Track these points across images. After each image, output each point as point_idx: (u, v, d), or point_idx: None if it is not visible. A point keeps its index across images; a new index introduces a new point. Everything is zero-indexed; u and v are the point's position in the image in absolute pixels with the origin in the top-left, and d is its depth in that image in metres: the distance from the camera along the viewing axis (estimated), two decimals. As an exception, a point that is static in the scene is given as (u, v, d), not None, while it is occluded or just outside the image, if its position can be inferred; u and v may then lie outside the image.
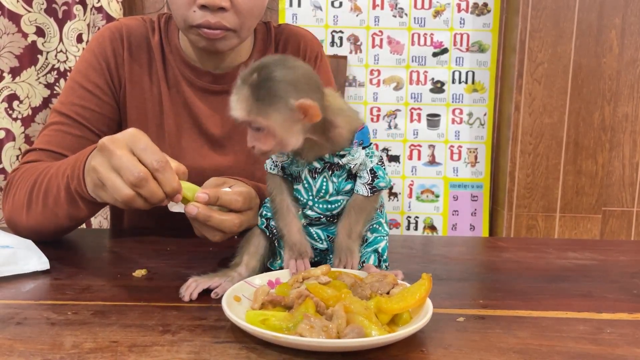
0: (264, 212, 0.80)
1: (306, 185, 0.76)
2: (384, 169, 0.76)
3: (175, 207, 0.77)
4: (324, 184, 0.75)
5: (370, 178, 0.74)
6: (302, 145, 0.72)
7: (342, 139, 0.73)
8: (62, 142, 1.01)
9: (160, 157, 0.70)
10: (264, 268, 0.78)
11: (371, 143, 0.75)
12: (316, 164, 0.74)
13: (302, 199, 0.77)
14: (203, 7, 0.93)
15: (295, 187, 0.77)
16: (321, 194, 0.76)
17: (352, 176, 0.76)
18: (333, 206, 0.76)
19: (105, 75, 1.05)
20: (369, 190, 0.75)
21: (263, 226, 0.78)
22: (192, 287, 0.72)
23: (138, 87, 1.06)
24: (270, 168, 0.78)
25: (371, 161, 0.75)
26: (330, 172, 0.75)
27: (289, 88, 0.67)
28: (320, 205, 0.77)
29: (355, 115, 0.75)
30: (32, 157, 1.01)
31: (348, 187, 0.76)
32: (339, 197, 0.76)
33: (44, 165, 0.93)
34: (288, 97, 0.67)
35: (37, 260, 0.81)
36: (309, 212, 0.78)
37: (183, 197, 0.74)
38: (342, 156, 0.74)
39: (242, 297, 0.66)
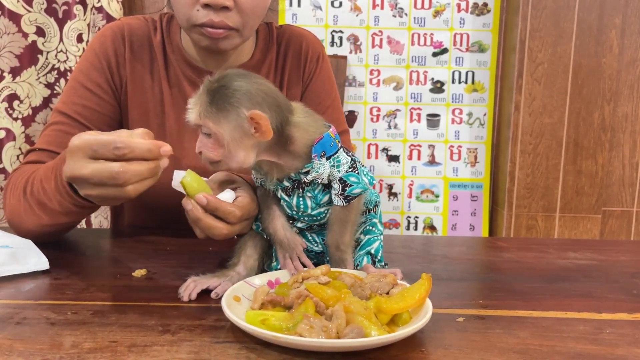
0: (260, 216, 0.80)
1: (284, 203, 0.76)
2: (360, 171, 0.74)
3: (177, 186, 0.76)
4: (301, 201, 0.75)
5: (341, 188, 0.73)
6: (264, 165, 0.72)
7: (298, 156, 0.71)
8: (62, 142, 1.00)
9: (109, 143, 0.68)
10: (262, 269, 0.78)
11: (339, 149, 0.73)
12: (286, 183, 0.74)
13: (287, 213, 0.77)
14: (206, 6, 0.93)
15: (280, 202, 0.77)
16: (301, 210, 0.75)
17: (329, 186, 0.74)
18: (317, 218, 0.77)
19: (106, 75, 1.05)
20: (343, 200, 0.73)
21: (259, 230, 0.78)
22: (191, 287, 0.71)
23: (140, 87, 1.06)
24: (255, 181, 0.78)
25: (338, 170, 0.72)
26: (301, 190, 0.74)
27: (243, 98, 0.66)
28: (306, 218, 0.77)
29: (312, 128, 0.72)
30: (33, 157, 1.00)
31: (326, 197, 0.75)
32: (322, 209, 0.76)
33: (39, 166, 0.93)
34: (240, 106, 0.66)
35: (37, 260, 0.81)
36: (299, 225, 0.78)
37: (186, 188, 0.73)
38: (307, 173, 0.72)
39: (241, 297, 0.66)
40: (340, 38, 2.13)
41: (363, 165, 0.75)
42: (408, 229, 2.20)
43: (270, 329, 0.57)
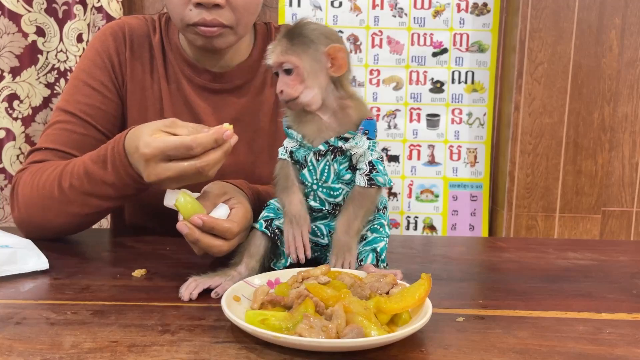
0: (265, 214, 0.80)
1: (311, 167, 0.77)
2: (384, 168, 0.77)
3: (169, 205, 0.77)
4: (326, 167, 0.77)
5: (368, 169, 0.76)
6: (310, 123, 0.76)
7: (349, 120, 0.77)
8: (68, 141, 1.01)
9: (181, 146, 0.73)
10: (264, 269, 0.78)
11: (376, 139, 0.77)
12: (321, 147, 0.76)
13: (307, 183, 0.78)
14: (198, 5, 0.94)
15: (301, 172, 0.79)
16: (324, 178, 0.77)
17: (353, 168, 0.77)
18: (335, 193, 0.78)
19: (109, 73, 1.05)
20: (366, 181, 0.76)
21: (262, 227, 0.78)
22: (191, 287, 0.71)
23: (139, 85, 1.06)
24: (281, 153, 0.80)
25: (371, 154, 0.76)
26: (332, 156, 0.76)
27: (321, 37, 0.75)
28: (324, 190, 0.78)
29: (364, 106, 0.79)
30: (39, 156, 1.00)
31: (348, 176, 0.77)
32: (340, 185, 0.77)
33: (55, 164, 0.93)
34: (319, 43, 0.74)
35: (37, 260, 0.81)
36: (312, 203, 0.79)
37: (180, 210, 0.74)
38: (346, 140, 0.76)
39: (241, 297, 0.66)
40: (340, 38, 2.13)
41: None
42: (408, 229, 2.20)
43: (270, 329, 0.57)
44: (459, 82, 2.15)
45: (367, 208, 0.77)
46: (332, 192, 0.78)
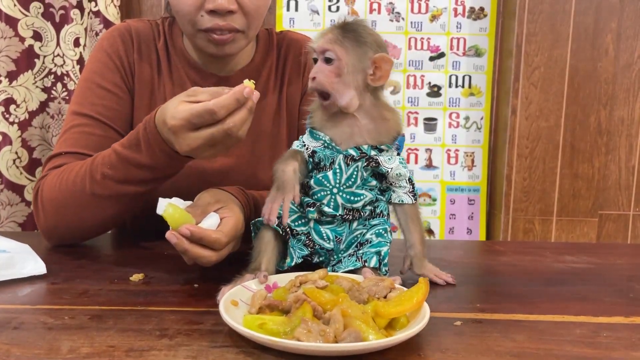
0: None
1: (337, 170, 0.77)
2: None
3: (159, 212, 0.77)
4: (355, 173, 0.77)
5: (411, 186, 0.80)
6: (345, 128, 0.76)
7: (387, 131, 0.77)
8: (89, 144, 0.99)
9: (205, 112, 0.73)
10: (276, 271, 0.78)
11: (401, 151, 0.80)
12: (352, 152, 0.76)
13: (328, 185, 0.77)
14: (211, 12, 0.94)
15: (320, 174, 0.77)
16: (349, 183, 0.77)
17: (379, 176, 0.79)
18: (357, 199, 0.78)
19: (121, 73, 1.05)
20: (412, 198, 0.79)
21: (275, 224, 0.77)
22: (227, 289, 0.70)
23: (147, 87, 1.06)
24: (298, 146, 0.80)
25: (406, 170, 0.79)
26: (366, 164, 0.76)
27: (374, 43, 0.74)
28: (344, 196, 0.77)
29: (401, 120, 0.80)
30: (59, 161, 0.97)
31: (374, 182, 0.78)
32: (364, 192, 0.78)
33: (82, 162, 0.91)
34: (370, 48, 0.74)
35: (34, 265, 0.81)
36: (326, 209, 0.78)
37: (168, 220, 0.74)
38: (381, 150, 0.77)
39: (239, 301, 0.66)
40: (338, 42, 2.13)
41: None
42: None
43: (268, 333, 0.57)
44: (456, 86, 2.15)
45: (422, 224, 0.82)
46: (353, 198, 0.77)
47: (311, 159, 0.78)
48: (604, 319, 0.69)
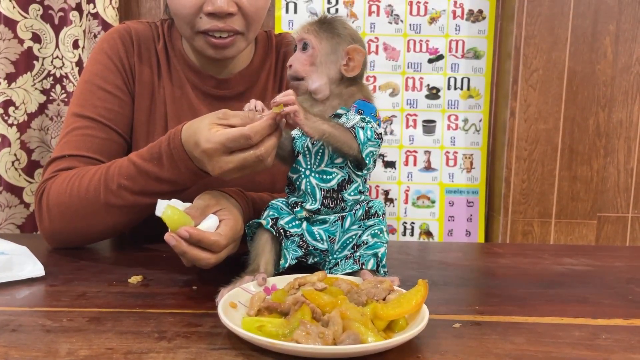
0: (271, 213, 0.80)
1: (306, 152, 0.79)
2: (371, 137, 0.77)
3: (158, 214, 0.77)
4: (321, 150, 0.79)
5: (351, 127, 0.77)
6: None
7: (347, 99, 0.80)
8: (91, 146, 0.99)
9: (240, 137, 0.74)
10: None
11: (375, 122, 0.78)
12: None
13: (301, 169, 0.80)
14: (210, 14, 0.94)
15: (297, 160, 0.81)
16: (317, 161, 0.79)
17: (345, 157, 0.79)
18: (329, 177, 0.79)
19: (122, 75, 1.05)
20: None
21: (269, 226, 0.78)
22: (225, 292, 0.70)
23: (147, 89, 1.06)
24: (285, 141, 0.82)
25: (363, 127, 0.76)
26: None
27: (348, 36, 0.79)
28: (317, 176, 0.79)
29: (369, 91, 0.83)
30: (63, 164, 0.97)
31: (340, 159, 0.79)
32: (334, 169, 0.79)
33: (95, 168, 0.91)
34: (343, 40, 0.79)
35: (32, 267, 0.80)
36: (308, 206, 0.79)
37: (167, 222, 0.74)
38: (339, 116, 0.78)
39: (238, 303, 0.66)
40: (336, 44, 2.13)
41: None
42: (404, 234, 2.20)
43: (266, 335, 0.57)
44: (455, 89, 2.15)
45: (345, 134, 0.75)
46: (325, 177, 0.79)
47: (291, 145, 0.82)
48: (603, 321, 0.69)
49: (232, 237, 0.79)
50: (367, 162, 0.77)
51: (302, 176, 0.80)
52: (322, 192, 0.79)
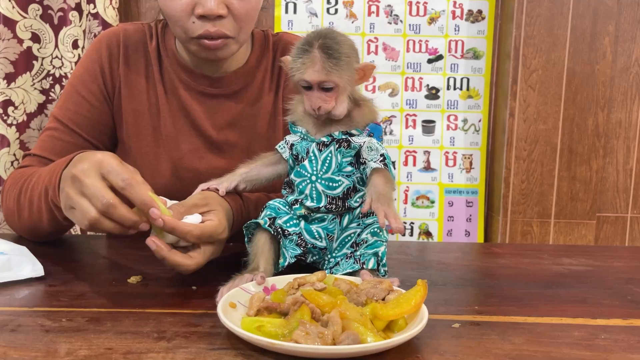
0: (268, 212, 0.80)
1: (312, 158, 0.79)
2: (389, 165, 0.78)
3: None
4: (328, 158, 0.78)
5: (382, 157, 0.77)
6: (319, 123, 0.79)
7: (362, 120, 0.79)
8: (53, 148, 1.04)
9: (126, 176, 0.71)
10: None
11: (380, 142, 0.79)
12: (323, 139, 0.79)
13: (306, 174, 0.79)
14: (201, 17, 0.94)
15: (302, 164, 0.80)
16: (324, 169, 0.78)
17: (356, 163, 0.79)
18: (335, 184, 0.78)
19: (98, 81, 1.06)
20: (381, 164, 0.76)
21: (267, 225, 0.78)
22: (225, 291, 0.70)
23: (135, 91, 1.07)
24: (280, 147, 0.83)
25: (381, 147, 0.78)
26: (337, 146, 0.78)
27: (352, 51, 0.77)
28: (323, 182, 0.78)
29: (375, 111, 0.82)
30: (27, 162, 1.04)
31: (349, 168, 0.79)
32: (341, 178, 0.78)
33: (31, 171, 0.96)
34: (352, 59, 0.77)
35: (32, 267, 0.80)
36: (308, 203, 0.79)
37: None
38: (351, 135, 0.79)
39: (237, 303, 0.66)
40: (336, 45, 2.13)
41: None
42: (404, 234, 2.20)
43: (266, 335, 0.57)
44: (454, 89, 2.16)
45: (391, 184, 0.76)
46: (331, 184, 0.78)
47: (291, 154, 0.82)
48: (602, 321, 0.69)
49: (210, 235, 0.78)
50: None
51: (308, 181, 0.79)
52: (328, 199, 0.79)
